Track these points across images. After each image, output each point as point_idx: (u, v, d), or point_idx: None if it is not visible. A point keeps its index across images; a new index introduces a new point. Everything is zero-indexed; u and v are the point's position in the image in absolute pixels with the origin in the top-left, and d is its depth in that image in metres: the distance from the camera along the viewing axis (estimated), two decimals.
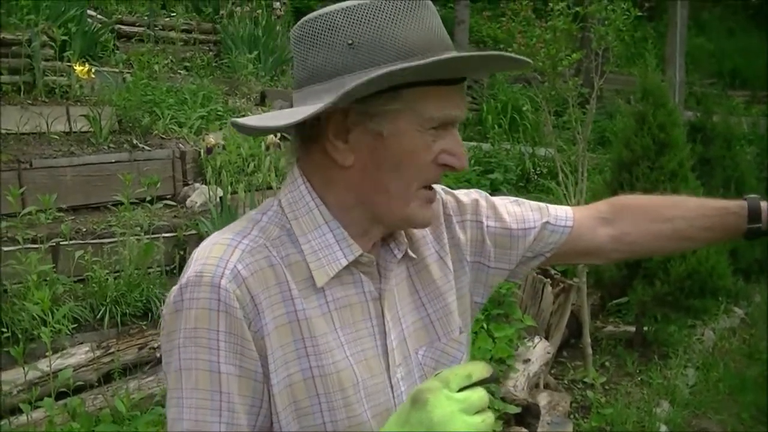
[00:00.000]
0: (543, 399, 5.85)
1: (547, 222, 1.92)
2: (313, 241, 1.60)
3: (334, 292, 1.61)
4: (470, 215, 1.89)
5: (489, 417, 1.38)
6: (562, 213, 1.95)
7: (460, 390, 1.37)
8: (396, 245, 1.72)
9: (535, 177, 10.82)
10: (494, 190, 9.92)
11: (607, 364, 7.27)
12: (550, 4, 6.63)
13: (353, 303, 1.63)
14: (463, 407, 1.34)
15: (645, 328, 7.74)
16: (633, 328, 7.80)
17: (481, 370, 1.39)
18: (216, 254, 1.54)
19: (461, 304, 1.84)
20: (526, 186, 10.77)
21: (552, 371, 6.81)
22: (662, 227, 1.97)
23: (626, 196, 2.10)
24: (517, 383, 5.44)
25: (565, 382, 6.84)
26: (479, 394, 1.37)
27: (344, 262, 1.60)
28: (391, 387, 1.65)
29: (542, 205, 1.98)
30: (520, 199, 1.99)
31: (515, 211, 1.93)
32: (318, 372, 1.55)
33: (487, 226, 1.89)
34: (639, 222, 1.98)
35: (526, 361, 5.73)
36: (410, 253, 1.75)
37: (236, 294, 1.50)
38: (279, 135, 5.64)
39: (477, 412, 1.36)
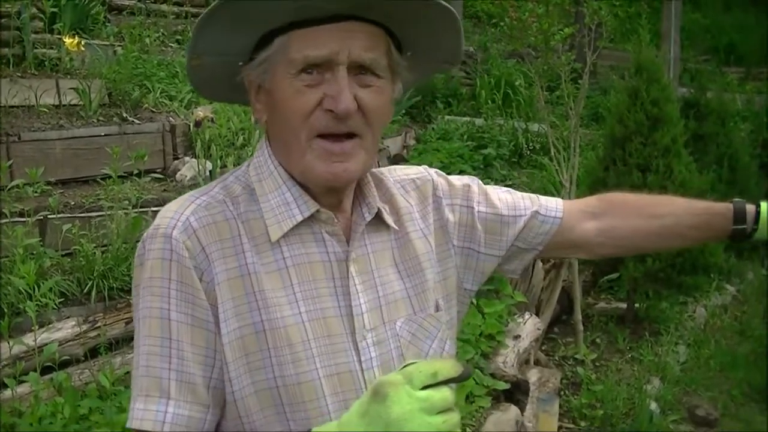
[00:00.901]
0: (533, 375, 5.83)
1: (537, 212, 1.92)
2: (273, 200, 1.65)
3: (292, 248, 1.64)
4: (461, 199, 1.89)
5: (452, 418, 1.35)
6: (552, 204, 1.96)
7: (425, 388, 1.34)
8: (367, 209, 1.73)
9: (528, 152, 10.80)
10: (487, 166, 9.91)
11: (598, 340, 7.26)
12: None
13: (314, 261, 1.65)
14: (423, 406, 1.32)
15: (636, 305, 7.73)
16: (624, 305, 7.79)
17: (448, 368, 1.36)
18: (173, 208, 1.63)
19: (445, 287, 1.84)
20: (519, 161, 10.76)
21: (543, 347, 6.80)
22: (651, 223, 1.97)
23: (615, 193, 2.10)
24: (506, 359, 5.42)
25: (556, 358, 6.84)
26: (442, 394, 1.34)
27: (299, 218, 1.64)
28: (357, 350, 1.64)
29: (533, 195, 1.98)
30: (512, 189, 1.99)
31: (506, 198, 1.94)
32: (268, 326, 1.57)
33: (478, 211, 1.89)
34: (627, 217, 1.98)
35: (516, 337, 5.71)
36: (391, 223, 1.77)
37: (186, 244, 1.56)
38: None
39: (439, 413, 1.33)
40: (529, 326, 5.95)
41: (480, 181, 1.96)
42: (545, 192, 8.28)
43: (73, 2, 9.39)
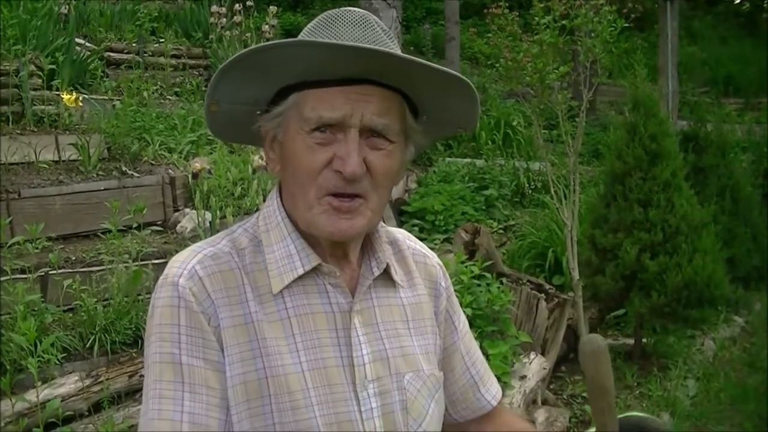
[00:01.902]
0: (541, 415, 5.78)
1: (479, 389, 2.00)
2: (277, 252, 1.68)
3: (295, 299, 1.66)
4: (452, 314, 1.96)
5: None
6: (492, 392, 2.04)
7: None
8: (376, 263, 1.76)
9: (530, 192, 10.80)
10: (489, 206, 9.90)
11: None
12: (537, 18, 6.60)
13: (317, 312, 1.67)
14: None
15: (644, 340, 7.69)
16: (632, 341, 7.74)
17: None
18: (180, 259, 1.67)
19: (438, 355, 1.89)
20: (521, 201, 10.76)
21: (550, 386, 6.75)
22: None
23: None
24: (513, 400, 5.39)
25: (564, 397, 6.78)
26: None
27: (301, 271, 1.66)
28: (357, 401, 1.65)
29: (488, 376, 2.06)
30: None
31: (476, 350, 2.03)
32: (270, 373, 1.59)
33: (458, 340, 1.96)
34: None
35: (522, 377, 5.67)
36: (398, 280, 1.81)
37: (192, 290, 1.59)
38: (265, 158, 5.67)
39: None
40: (535, 366, 5.91)
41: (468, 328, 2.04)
42: (549, 231, 8.29)
43: (71, 58, 9.47)
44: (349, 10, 1.68)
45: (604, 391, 1.57)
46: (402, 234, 1.94)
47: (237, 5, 12.57)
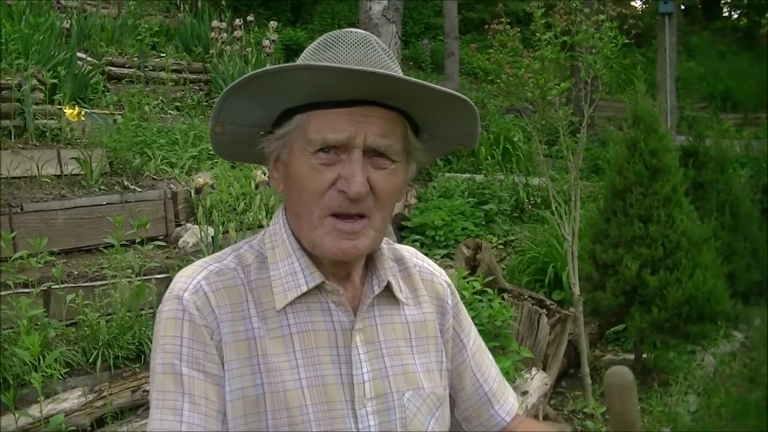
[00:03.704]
0: None
1: (492, 406, 1.99)
2: (282, 269, 1.70)
3: (297, 316, 1.68)
4: (460, 330, 1.96)
5: None
6: (506, 408, 2.02)
7: None
8: (377, 281, 1.78)
9: (529, 207, 10.80)
10: (489, 222, 9.91)
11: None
12: (537, 34, 6.61)
13: (318, 329, 1.69)
14: None
15: (644, 356, 7.68)
16: (632, 356, 7.74)
17: None
18: (186, 273, 1.70)
19: (445, 372, 1.90)
20: (520, 216, 10.76)
21: (551, 402, 6.75)
22: None
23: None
24: None
25: (565, 412, 6.78)
26: None
27: (304, 288, 1.68)
28: (355, 418, 1.67)
29: (502, 391, 2.04)
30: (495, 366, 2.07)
31: (489, 366, 2.02)
32: (268, 389, 1.61)
33: (468, 356, 1.96)
34: None
35: (524, 393, 5.67)
36: (401, 298, 1.82)
37: (196, 304, 1.62)
38: (267, 174, 5.70)
39: None
40: (537, 381, 5.91)
41: (479, 337, 2.04)
42: (549, 246, 8.29)
43: (73, 73, 9.49)
44: (351, 32, 1.71)
45: (630, 426, 1.57)
46: (409, 251, 1.96)
47: (237, 20, 12.64)
